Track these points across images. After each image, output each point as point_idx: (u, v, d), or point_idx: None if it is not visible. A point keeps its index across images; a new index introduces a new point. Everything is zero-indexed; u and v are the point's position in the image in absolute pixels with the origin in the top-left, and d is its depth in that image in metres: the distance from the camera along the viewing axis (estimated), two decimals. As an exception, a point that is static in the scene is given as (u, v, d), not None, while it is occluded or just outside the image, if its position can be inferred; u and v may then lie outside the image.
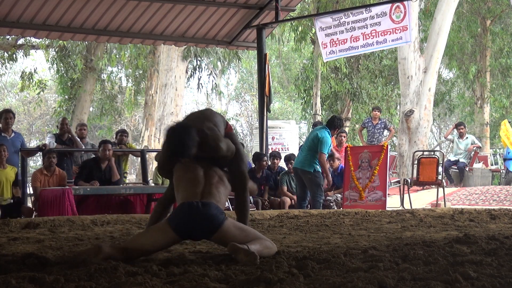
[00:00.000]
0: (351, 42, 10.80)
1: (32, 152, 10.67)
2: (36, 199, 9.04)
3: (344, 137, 12.96)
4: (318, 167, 9.61)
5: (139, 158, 11.73)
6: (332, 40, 10.97)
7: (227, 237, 4.03)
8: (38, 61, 27.47)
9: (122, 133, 11.24)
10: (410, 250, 4.16)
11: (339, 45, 10.93)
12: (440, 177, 10.82)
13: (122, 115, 28.08)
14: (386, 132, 15.17)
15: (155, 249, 4.07)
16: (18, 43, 19.78)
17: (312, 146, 9.62)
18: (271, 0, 11.17)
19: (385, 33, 10.50)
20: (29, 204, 9.74)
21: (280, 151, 13.99)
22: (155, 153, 17.00)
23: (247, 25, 11.58)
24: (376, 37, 10.60)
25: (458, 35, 21.86)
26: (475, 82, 22.89)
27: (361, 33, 10.71)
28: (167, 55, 18.21)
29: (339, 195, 10.63)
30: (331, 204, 10.76)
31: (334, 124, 9.81)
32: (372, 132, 14.65)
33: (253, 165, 10.93)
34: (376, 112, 14.84)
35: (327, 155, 9.80)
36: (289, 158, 11.03)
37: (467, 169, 14.82)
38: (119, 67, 24.32)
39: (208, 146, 4.33)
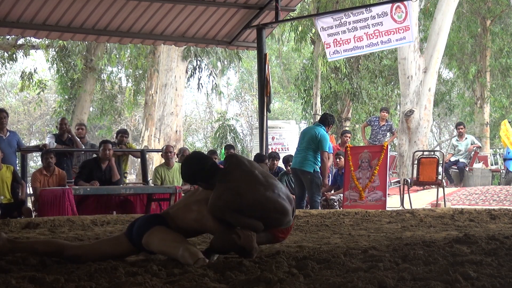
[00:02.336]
0: (355, 42, 10.80)
1: (31, 150, 10.66)
2: (36, 199, 9.04)
3: (348, 137, 12.97)
4: (317, 167, 9.57)
5: (139, 158, 11.74)
6: (335, 40, 10.96)
7: (150, 244, 3.99)
8: (38, 61, 27.50)
9: (123, 133, 11.24)
10: (410, 250, 4.16)
11: (343, 45, 10.93)
12: (440, 177, 10.82)
13: (122, 115, 28.09)
14: (389, 134, 15.17)
15: (112, 253, 4.07)
16: (18, 43, 19.78)
17: (311, 146, 9.54)
18: (271, 0, 11.16)
19: (389, 33, 10.51)
20: (29, 204, 9.74)
21: (280, 151, 14.01)
22: (155, 153, 17.10)
23: (247, 25, 11.57)
24: (380, 37, 10.60)
25: (458, 35, 21.87)
26: (475, 82, 22.90)
27: (364, 33, 10.71)
28: (167, 55, 18.21)
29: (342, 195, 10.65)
30: (335, 204, 10.77)
31: (327, 121, 9.75)
32: (376, 132, 14.65)
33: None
34: (385, 113, 14.83)
35: (329, 152, 9.78)
36: (287, 160, 11.02)
37: (467, 169, 14.81)
38: (119, 67, 24.33)
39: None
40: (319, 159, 9.56)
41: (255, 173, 3.98)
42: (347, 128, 19.94)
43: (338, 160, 11.13)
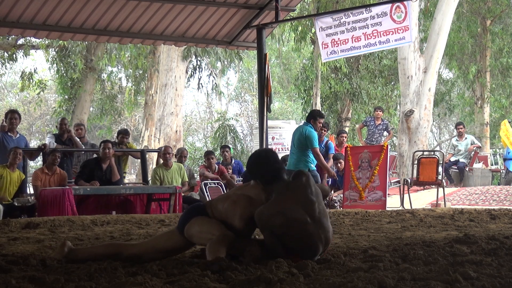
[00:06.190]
0: (352, 42, 10.78)
1: (35, 153, 10.68)
2: (36, 199, 9.04)
3: (345, 137, 12.95)
4: (312, 165, 9.47)
5: (139, 159, 11.72)
6: (333, 40, 10.95)
7: (191, 236, 4.01)
8: (38, 61, 27.50)
9: (124, 134, 11.23)
10: (410, 250, 4.17)
11: (340, 45, 10.91)
12: (440, 177, 10.81)
13: (122, 115, 28.10)
14: (385, 134, 15.16)
15: (168, 246, 4.09)
16: (18, 43, 19.79)
17: (301, 145, 9.41)
18: (271, 0, 11.16)
19: (387, 33, 10.48)
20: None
21: (280, 151, 14.00)
22: (154, 153, 17.15)
23: (247, 25, 11.57)
24: (378, 37, 10.58)
25: (458, 35, 21.87)
26: (475, 82, 22.90)
27: (362, 33, 10.69)
28: (167, 55, 18.21)
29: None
30: (336, 204, 10.76)
31: (313, 115, 9.50)
32: (373, 132, 14.64)
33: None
34: (379, 112, 14.83)
35: (319, 148, 9.71)
36: (284, 160, 10.99)
37: (467, 169, 14.81)
38: (119, 67, 24.33)
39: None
40: (312, 158, 9.46)
41: (315, 205, 3.88)
42: (346, 128, 19.95)
43: (339, 164, 11.11)
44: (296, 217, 3.80)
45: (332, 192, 11.25)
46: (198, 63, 19.65)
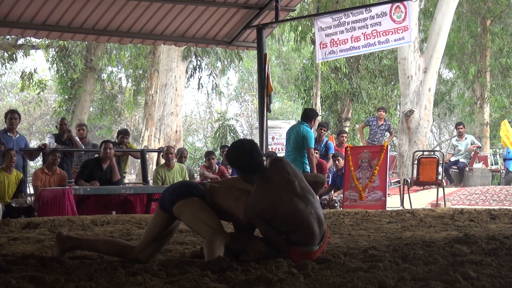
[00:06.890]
0: (352, 42, 10.78)
1: (35, 153, 10.68)
2: (37, 199, 9.05)
3: (345, 137, 12.95)
4: (307, 167, 9.43)
5: (139, 159, 11.71)
6: (332, 40, 10.95)
7: (182, 214, 3.93)
8: (38, 61, 27.55)
9: (124, 134, 11.22)
10: (410, 250, 4.17)
11: (339, 45, 10.92)
12: (440, 177, 10.81)
13: (122, 115, 28.12)
14: (387, 134, 15.17)
15: (158, 231, 4.05)
16: (18, 43, 19.80)
17: (297, 145, 9.35)
18: (271, 0, 11.16)
19: (387, 33, 10.48)
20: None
21: (279, 151, 13.98)
22: (154, 153, 17.15)
23: (247, 25, 11.58)
24: (377, 37, 10.58)
25: (458, 35, 21.88)
26: (475, 82, 22.91)
27: (362, 33, 10.70)
28: (167, 55, 18.21)
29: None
30: (336, 204, 10.76)
31: (309, 116, 9.47)
32: (375, 132, 14.64)
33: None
34: (382, 112, 14.84)
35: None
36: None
37: (467, 169, 14.81)
38: (119, 67, 24.34)
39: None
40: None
41: (294, 183, 3.91)
42: (346, 128, 19.95)
43: (337, 162, 11.12)
44: (279, 198, 3.81)
45: (332, 192, 11.25)
46: (198, 63, 19.66)
